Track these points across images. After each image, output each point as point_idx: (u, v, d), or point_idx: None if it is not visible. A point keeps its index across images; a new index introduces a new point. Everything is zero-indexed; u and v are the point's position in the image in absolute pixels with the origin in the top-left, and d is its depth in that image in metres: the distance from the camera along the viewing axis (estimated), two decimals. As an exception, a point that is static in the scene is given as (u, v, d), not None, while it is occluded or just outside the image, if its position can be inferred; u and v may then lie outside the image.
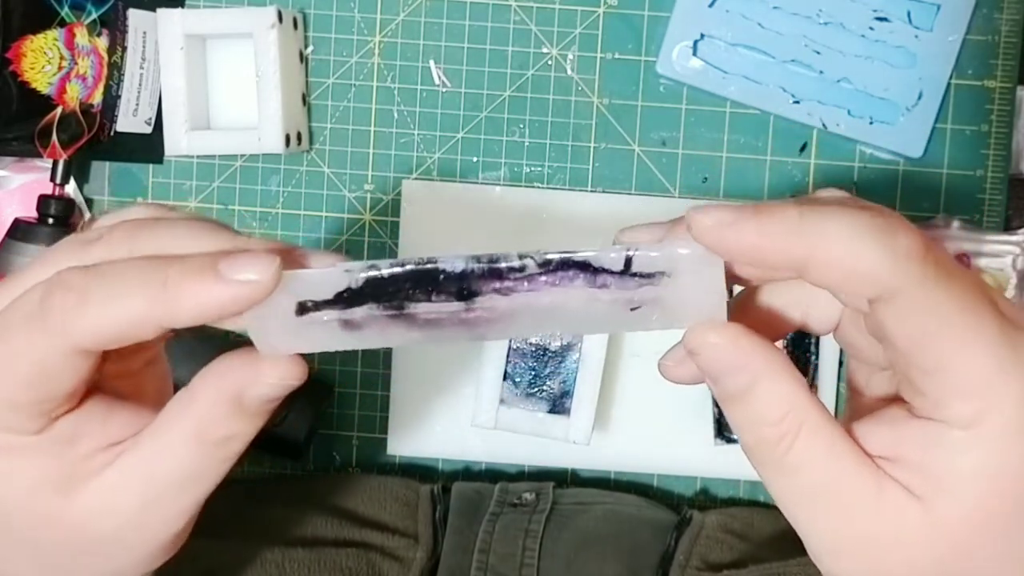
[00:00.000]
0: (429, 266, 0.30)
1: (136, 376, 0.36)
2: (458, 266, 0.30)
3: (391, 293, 0.30)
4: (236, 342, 0.60)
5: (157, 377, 0.36)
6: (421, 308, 0.30)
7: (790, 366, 0.29)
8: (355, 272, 0.30)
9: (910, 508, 0.28)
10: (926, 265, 0.28)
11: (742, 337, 0.29)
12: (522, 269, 0.30)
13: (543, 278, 0.30)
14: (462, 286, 0.30)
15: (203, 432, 0.32)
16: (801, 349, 0.64)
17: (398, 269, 0.30)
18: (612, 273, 0.30)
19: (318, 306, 0.30)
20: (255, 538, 0.54)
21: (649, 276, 0.30)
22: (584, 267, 0.30)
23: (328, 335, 0.31)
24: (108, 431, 0.33)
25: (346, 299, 0.30)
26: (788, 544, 0.58)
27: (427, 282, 0.30)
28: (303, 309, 0.30)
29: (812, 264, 0.28)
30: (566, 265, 0.30)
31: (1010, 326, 0.28)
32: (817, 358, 0.64)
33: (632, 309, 0.31)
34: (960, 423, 0.28)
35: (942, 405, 0.28)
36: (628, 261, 0.30)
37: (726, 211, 0.28)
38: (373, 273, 0.30)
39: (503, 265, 0.30)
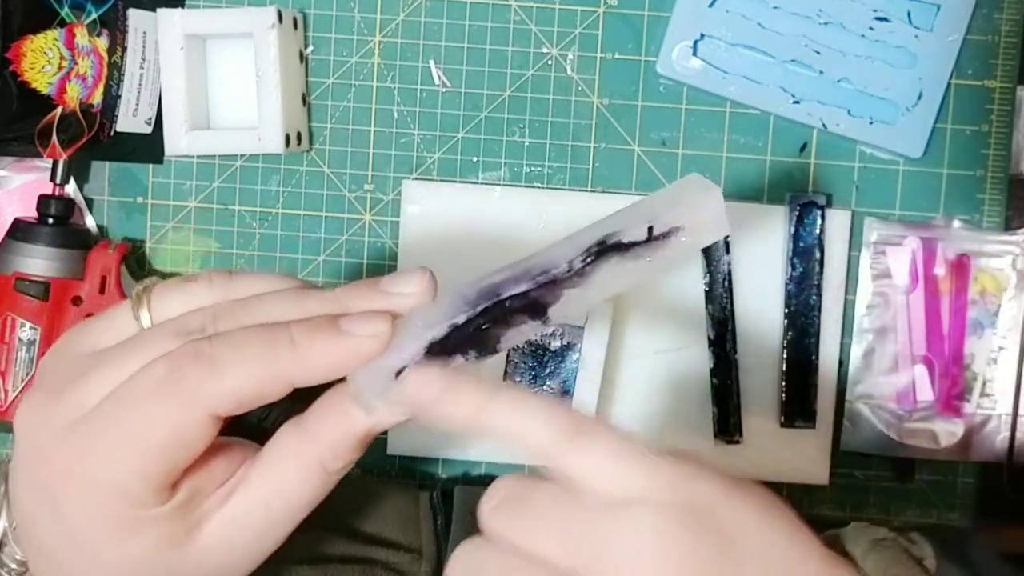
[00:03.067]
0: (495, 299, 0.34)
1: None
2: (521, 288, 0.35)
3: (473, 335, 0.34)
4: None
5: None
6: (504, 343, 0.35)
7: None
8: (433, 318, 0.34)
9: None
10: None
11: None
12: (571, 269, 0.35)
13: (589, 268, 0.35)
14: (528, 303, 0.35)
15: (326, 463, 0.35)
16: (803, 350, 0.64)
17: (472, 313, 0.34)
18: (639, 244, 0.36)
19: (416, 366, 0.34)
20: None
21: (666, 236, 0.36)
22: (617, 247, 0.36)
23: (421, 376, 0.34)
24: (214, 477, 0.35)
25: (437, 352, 0.34)
26: None
27: (500, 314, 0.34)
28: (399, 373, 0.34)
29: (485, 434, 0.34)
30: (603, 251, 0.35)
31: None
32: (817, 358, 0.64)
33: (659, 238, 0.36)
34: None
35: None
36: (651, 231, 0.36)
37: (428, 385, 0.34)
38: (453, 323, 0.34)
39: (557, 273, 0.35)
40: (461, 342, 0.34)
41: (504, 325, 0.35)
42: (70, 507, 0.34)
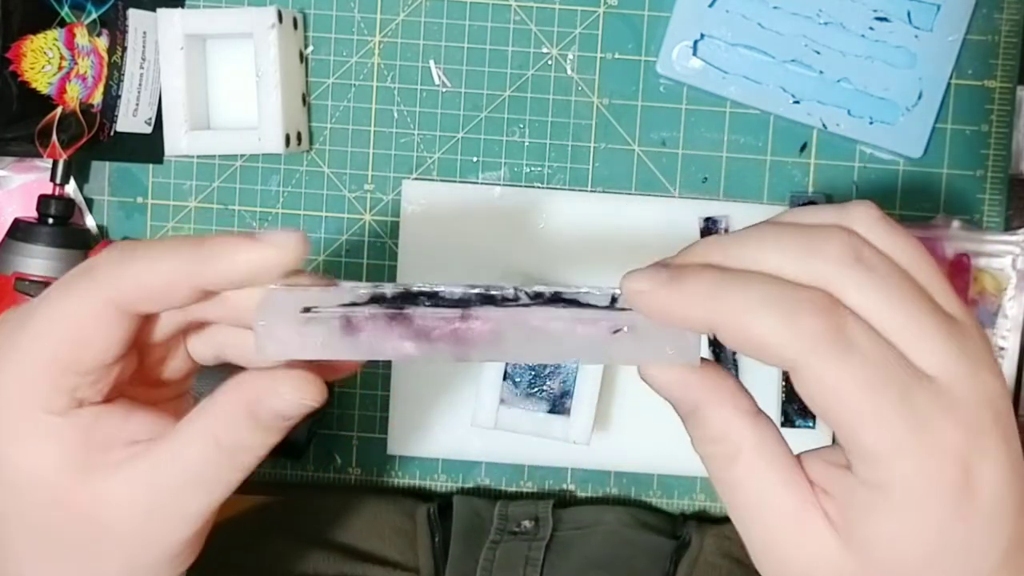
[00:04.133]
0: (428, 289, 0.32)
1: (165, 406, 0.37)
2: (456, 292, 0.32)
3: (391, 303, 0.33)
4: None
5: (183, 412, 0.36)
6: (418, 312, 0.32)
7: (735, 396, 0.32)
8: (360, 288, 0.32)
9: (829, 540, 0.31)
10: (824, 344, 0.29)
11: (685, 375, 0.33)
12: (516, 299, 0.33)
13: (530, 303, 0.33)
14: (456, 302, 0.33)
15: (218, 437, 0.33)
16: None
17: (401, 290, 0.32)
18: (598, 308, 0.33)
19: (322, 309, 0.32)
20: (257, 574, 0.54)
21: (625, 320, 0.32)
22: (572, 303, 0.33)
23: (328, 335, 0.32)
24: (128, 429, 0.34)
25: (348, 305, 0.32)
26: None
27: (426, 299, 0.33)
28: (307, 310, 0.32)
29: (721, 332, 0.31)
30: (556, 300, 0.33)
31: (922, 393, 0.29)
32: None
33: (614, 332, 0.32)
34: (866, 484, 0.30)
35: (853, 463, 0.30)
36: (613, 299, 0.33)
37: (649, 278, 0.31)
38: (377, 291, 0.32)
39: (497, 294, 0.32)
40: (374, 304, 0.33)
41: (423, 306, 0.33)
42: None
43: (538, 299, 0.33)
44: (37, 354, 0.32)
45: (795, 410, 0.64)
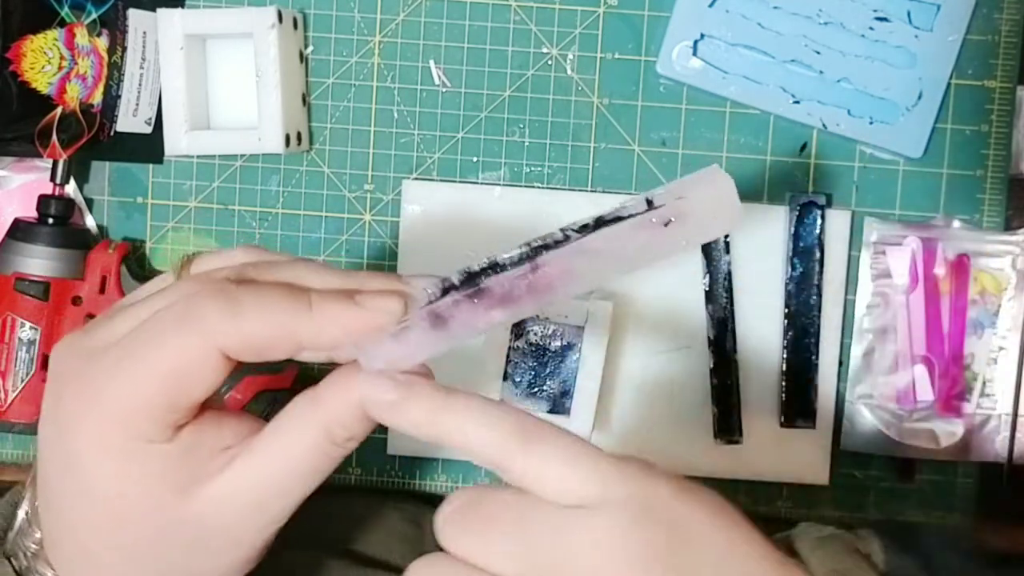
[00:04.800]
0: (487, 263, 0.35)
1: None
2: (513, 254, 0.35)
3: (464, 286, 0.35)
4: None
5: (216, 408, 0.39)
6: (493, 280, 0.35)
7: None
8: (428, 288, 0.35)
9: None
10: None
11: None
12: (567, 238, 0.35)
13: (583, 234, 0.35)
14: (519, 259, 0.35)
15: (331, 433, 0.35)
16: (803, 350, 0.64)
17: (465, 274, 0.35)
18: (641, 214, 0.35)
19: (407, 319, 0.35)
20: None
21: (669, 212, 0.35)
22: (617, 220, 0.35)
23: (423, 335, 0.35)
24: (223, 437, 0.36)
25: (428, 303, 0.35)
26: None
27: (491, 271, 0.35)
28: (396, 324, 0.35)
29: (442, 441, 0.35)
30: (601, 224, 0.35)
31: None
32: (817, 358, 0.64)
33: (666, 224, 0.35)
34: None
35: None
36: (648, 202, 0.35)
37: (385, 390, 0.35)
38: (446, 283, 0.35)
39: (549, 240, 0.35)
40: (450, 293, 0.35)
41: (493, 274, 0.35)
42: (75, 429, 0.34)
43: (585, 230, 0.35)
44: (143, 393, 0.34)
45: (795, 410, 0.64)
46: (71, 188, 0.64)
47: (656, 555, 0.32)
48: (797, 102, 0.63)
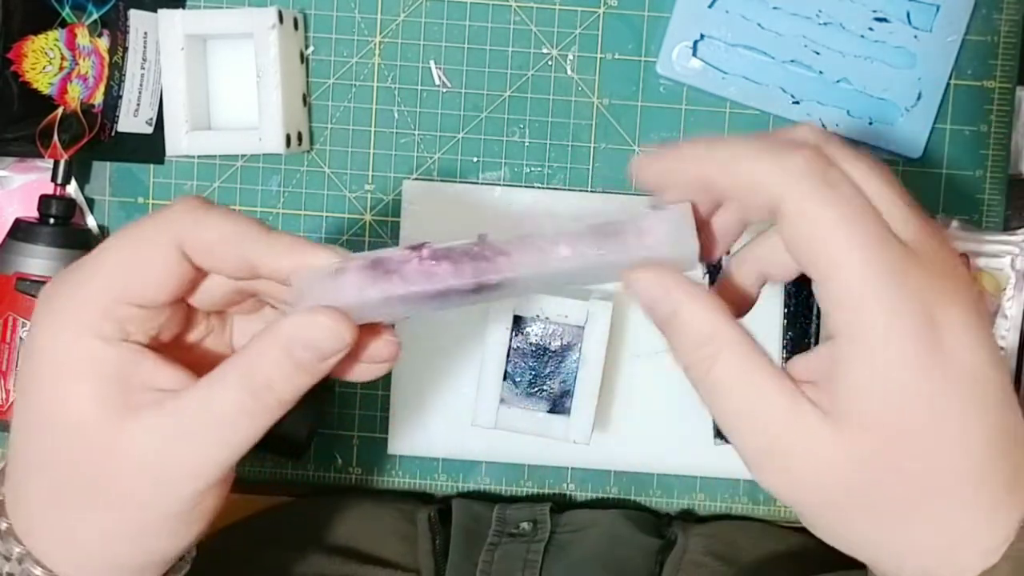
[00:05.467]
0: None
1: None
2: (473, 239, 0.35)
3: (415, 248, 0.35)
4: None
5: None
6: (440, 247, 0.35)
7: (711, 298, 0.33)
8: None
9: (820, 426, 0.31)
10: (810, 180, 0.31)
11: (665, 275, 0.33)
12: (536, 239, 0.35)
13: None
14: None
15: (252, 380, 0.34)
16: (803, 350, 0.64)
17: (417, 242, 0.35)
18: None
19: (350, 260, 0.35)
20: None
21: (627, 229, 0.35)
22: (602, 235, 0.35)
23: (361, 279, 0.34)
24: (159, 377, 0.35)
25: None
26: (770, 566, 0.58)
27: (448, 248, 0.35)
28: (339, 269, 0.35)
29: (717, 181, 0.33)
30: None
31: (893, 240, 0.31)
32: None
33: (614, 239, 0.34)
34: (844, 335, 0.31)
35: (831, 317, 0.31)
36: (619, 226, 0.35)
37: (655, 153, 0.34)
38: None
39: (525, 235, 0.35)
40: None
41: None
42: (38, 333, 0.35)
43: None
44: (98, 279, 0.34)
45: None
46: (72, 188, 0.64)
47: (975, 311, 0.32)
48: (797, 102, 0.63)
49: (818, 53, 0.63)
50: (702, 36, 0.63)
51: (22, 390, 0.35)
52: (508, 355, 0.62)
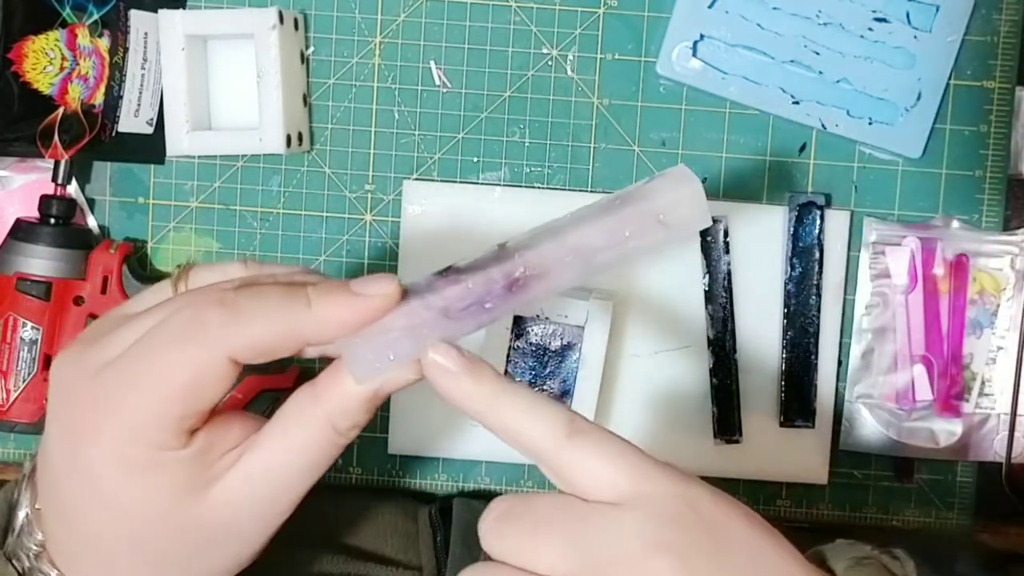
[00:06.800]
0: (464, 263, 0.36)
1: None
2: (488, 254, 0.36)
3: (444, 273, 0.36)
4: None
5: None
6: (473, 272, 0.36)
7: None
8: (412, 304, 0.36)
9: None
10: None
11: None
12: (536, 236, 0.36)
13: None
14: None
15: (335, 422, 0.36)
16: (802, 350, 0.64)
17: (443, 269, 0.36)
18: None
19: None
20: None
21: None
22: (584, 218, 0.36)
23: (399, 320, 0.35)
24: (231, 437, 0.36)
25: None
26: None
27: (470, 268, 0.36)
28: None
29: (490, 427, 0.36)
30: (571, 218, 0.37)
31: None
32: (817, 358, 0.64)
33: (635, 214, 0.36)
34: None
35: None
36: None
37: (452, 360, 0.36)
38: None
39: (524, 239, 0.36)
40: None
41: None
42: (91, 447, 0.35)
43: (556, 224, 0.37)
44: (154, 407, 0.34)
45: (795, 410, 0.64)
46: (73, 188, 0.64)
47: (700, 551, 0.33)
48: (796, 102, 0.63)
49: (818, 53, 0.63)
50: (702, 36, 0.63)
51: (82, 484, 0.36)
52: (508, 355, 0.62)
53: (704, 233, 0.64)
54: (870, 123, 0.63)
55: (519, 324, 0.62)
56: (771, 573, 0.34)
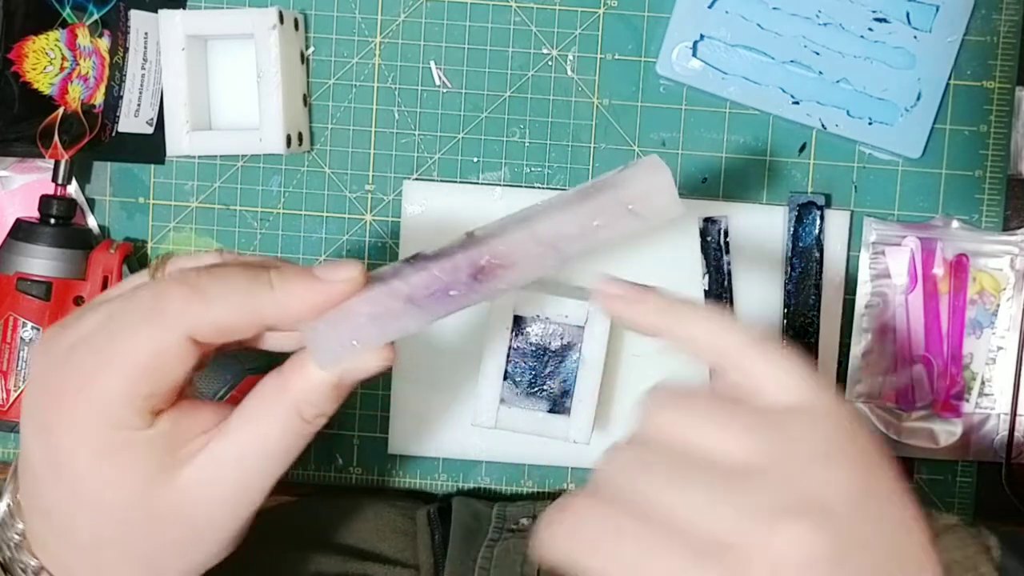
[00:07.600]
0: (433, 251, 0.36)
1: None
2: (456, 241, 0.36)
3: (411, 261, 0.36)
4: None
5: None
6: (438, 257, 0.36)
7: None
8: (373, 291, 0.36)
9: None
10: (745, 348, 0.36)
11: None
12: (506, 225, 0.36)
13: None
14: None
15: (301, 410, 0.36)
16: (802, 350, 0.64)
17: (410, 256, 0.36)
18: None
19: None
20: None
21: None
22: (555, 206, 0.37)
23: (363, 304, 0.36)
24: (199, 422, 0.37)
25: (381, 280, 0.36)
26: None
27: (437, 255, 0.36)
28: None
29: (670, 339, 0.37)
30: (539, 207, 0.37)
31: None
32: (817, 358, 0.64)
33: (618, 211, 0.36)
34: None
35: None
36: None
37: (621, 289, 0.37)
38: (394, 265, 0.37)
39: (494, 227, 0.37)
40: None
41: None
42: (59, 428, 0.35)
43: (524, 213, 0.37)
44: (118, 386, 0.35)
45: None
46: (73, 188, 0.64)
47: (867, 457, 0.34)
48: (796, 103, 0.63)
49: (818, 53, 0.63)
50: (702, 36, 0.63)
51: (51, 467, 0.36)
52: (508, 355, 0.62)
53: (704, 233, 0.64)
54: (870, 123, 0.63)
55: (519, 324, 0.62)
56: (906, 500, 0.36)
